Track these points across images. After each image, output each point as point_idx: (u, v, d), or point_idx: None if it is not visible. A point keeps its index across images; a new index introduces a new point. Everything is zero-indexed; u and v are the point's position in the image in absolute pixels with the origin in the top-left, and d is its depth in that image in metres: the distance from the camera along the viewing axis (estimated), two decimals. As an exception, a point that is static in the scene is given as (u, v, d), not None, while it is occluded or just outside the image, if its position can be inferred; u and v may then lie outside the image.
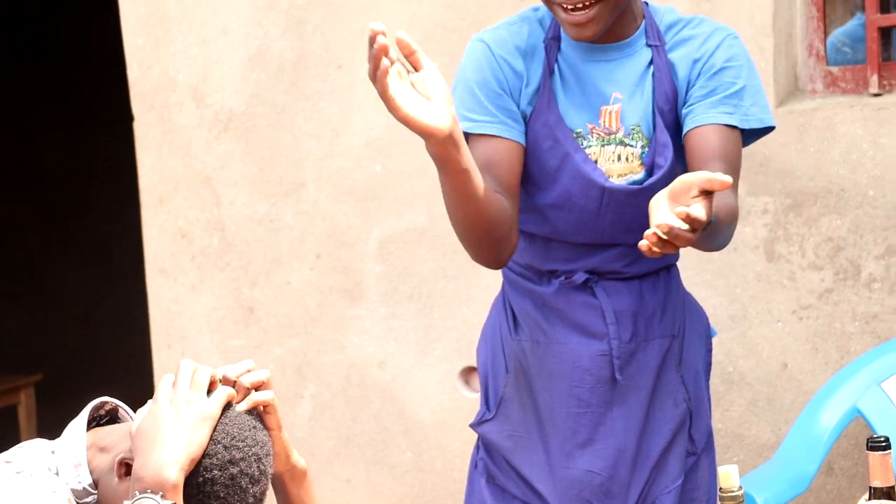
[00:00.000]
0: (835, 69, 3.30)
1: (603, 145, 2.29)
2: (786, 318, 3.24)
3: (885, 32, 3.22)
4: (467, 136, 2.27)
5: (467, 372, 3.61)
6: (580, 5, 2.19)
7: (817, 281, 3.21)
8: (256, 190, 3.77)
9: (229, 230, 3.81)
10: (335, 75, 3.67)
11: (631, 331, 2.34)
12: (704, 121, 2.25)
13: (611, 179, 2.29)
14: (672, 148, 2.30)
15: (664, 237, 1.86)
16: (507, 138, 2.27)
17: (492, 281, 3.19)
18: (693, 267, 3.29)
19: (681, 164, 2.32)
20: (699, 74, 2.28)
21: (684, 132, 2.28)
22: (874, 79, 3.18)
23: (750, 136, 2.36)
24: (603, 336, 2.33)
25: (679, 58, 2.30)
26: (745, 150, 3.24)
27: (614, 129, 2.29)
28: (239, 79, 3.76)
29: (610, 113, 2.29)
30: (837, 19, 3.58)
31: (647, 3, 2.36)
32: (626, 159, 2.30)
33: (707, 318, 2.54)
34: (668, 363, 2.38)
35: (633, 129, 2.29)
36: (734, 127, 2.27)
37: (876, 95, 3.19)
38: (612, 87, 2.29)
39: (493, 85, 2.28)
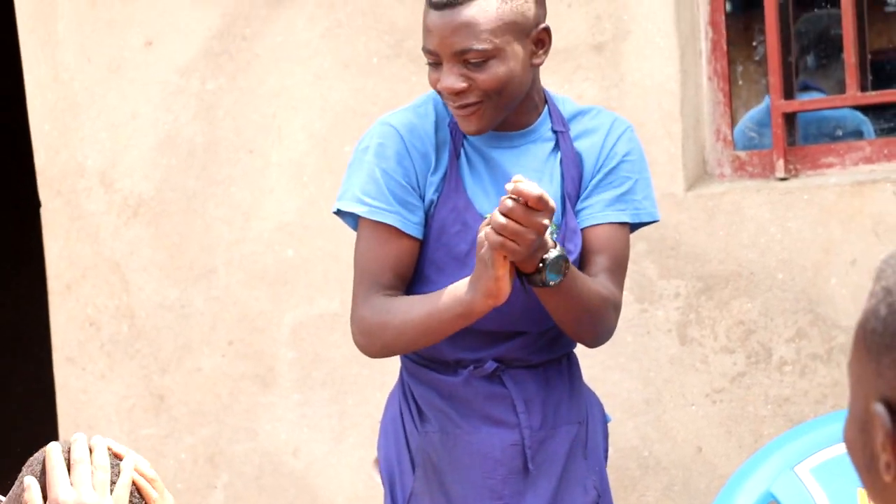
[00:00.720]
0: (742, 154, 3.34)
1: None
2: (699, 401, 3.25)
3: (789, 118, 3.27)
4: (359, 217, 2.26)
5: (382, 459, 3.57)
6: (462, 104, 2.18)
7: (729, 364, 3.22)
8: (166, 276, 3.73)
9: (139, 317, 3.75)
10: (246, 160, 3.65)
11: (540, 419, 2.32)
12: (599, 220, 2.28)
13: None
14: (581, 234, 2.30)
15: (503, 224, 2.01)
16: (402, 231, 2.24)
17: (358, 374, 3.17)
18: (607, 350, 3.28)
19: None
20: (600, 167, 2.29)
21: (579, 226, 2.30)
22: (780, 163, 3.22)
23: (636, 226, 2.40)
24: (514, 426, 2.30)
25: (585, 148, 2.30)
26: (657, 234, 3.27)
27: None
28: (148, 164, 3.73)
29: None
30: (744, 104, 3.65)
31: (546, 91, 2.36)
32: None
33: (601, 405, 2.52)
34: (576, 450, 2.36)
35: None
36: (625, 222, 2.31)
37: (782, 180, 3.23)
38: (519, 173, 2.26)
39: (398, 175, 2.25)
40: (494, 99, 2.17)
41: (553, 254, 2.11)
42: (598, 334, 2.29)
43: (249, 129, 3.64)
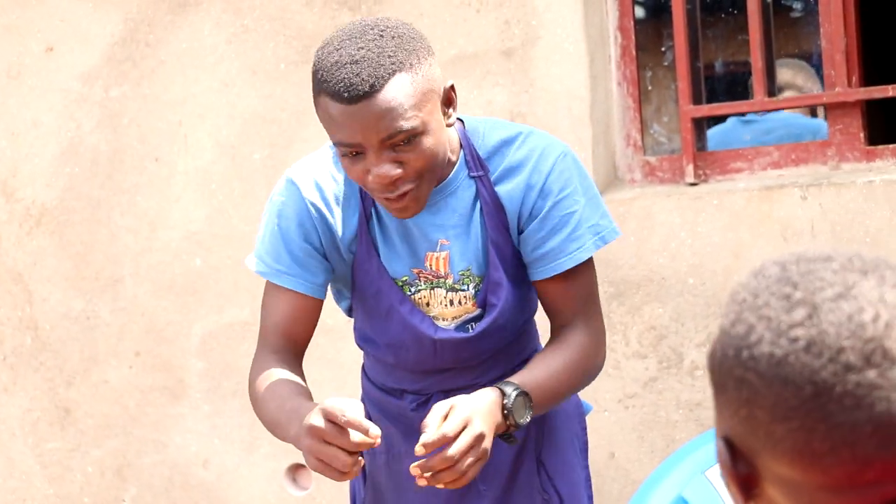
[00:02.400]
0: (652, 159, 3.35)
1: (432, 288, 2.17)
2: (612, 407, 3.25)
3: (698, 123, 3.28)
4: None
5: (294, 469, 3.53)
6: (400, 193, 2.01)
7: (641, 370, 3.22)
8: (71, 286, 3.65)
9: (43, 328, 3.68)
10: (152, 168, 3.58)
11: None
12: (556, 270, 2.14)
13: (444, 322, 2.17)
14: (506, 284, 2.17)
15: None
16: (302, 293, 2.15)
17: (318, 376, 3.13)
18: (519, 357, 3.28)
19: (520, 294, 2.20)
20: (533, 213, 2.14)
21: (532, 278, 2.17)
22: (689, 168, 3.23)
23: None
24: None
25: (510, 189, 2.14)
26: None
27: (443, 275, 2.15)
28: (51, 172, 3.65)
29: (437, 259, 2.15)
30: (654, 109, 3.66)
31: (462, 123, 2.18)
32: (459, 303, 2.17)
33: (575, 399, 2.37)
34: (524, 457, 2.27)
35: (464, 274, 2.16)
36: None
37: (692, 185, 3.25)
38: (437, 233, 2.14)
39: (296, 236, 2.14)
40: (427, 176, 2.03)
41: (511, 398, 2.02)
42: (592, 379, 2.21)
43: (155, 137, 3.58)
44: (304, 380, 2.14)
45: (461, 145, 2.16)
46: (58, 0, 3.65)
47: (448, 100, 2.05)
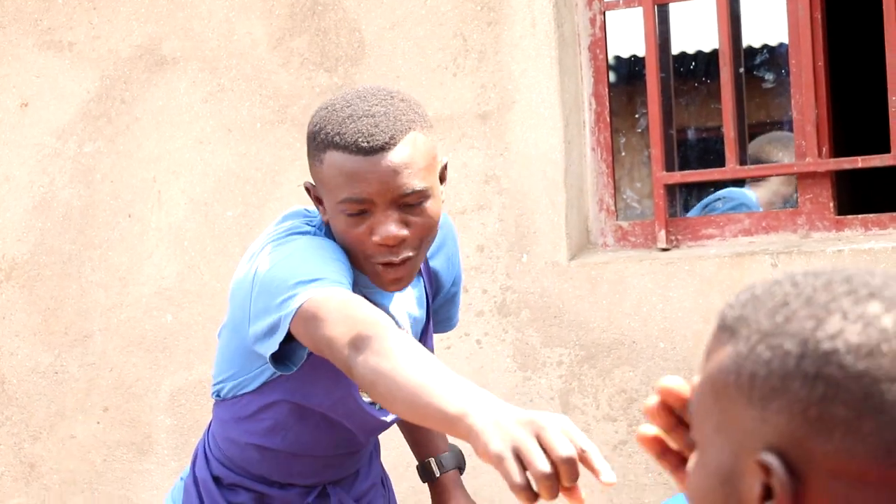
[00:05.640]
0: (625, 224, 3.37)
1: None
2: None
3: (670, 189, 3.31)
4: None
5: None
6: (402, 258, 1.90)
7: (612, 432, 3.23)
8: (40, 341, 3.63)
9: (10, 382, 3.65)
10: (124, 224, 3.58)
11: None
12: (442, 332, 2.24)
13: (367, 398, 2.04)
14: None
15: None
16: None
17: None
18: (489, 419, 3.27)
19: None
20: (454, 278, 2.18)
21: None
22: (662, 234, 3.26)
23: None
24: None
25: (440, 265, 2.15)
26: (540, 303, 3.27)
27: None
28: (22, 227, 3.64)
29: None
30: (627, 174, 3.69)
31: None
32: None
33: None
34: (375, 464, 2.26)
35: None
36: None
37: (664, 250, 3.27)
38: (400, 313, 2.05)
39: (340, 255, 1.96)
40: (424, 246, 1.94)
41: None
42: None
43: (128, 193, 3.58)
44: None
45: None
46: (34, 56, 3.66)
47: (442, 176, 1.97)
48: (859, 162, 3.18)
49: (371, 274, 1.94)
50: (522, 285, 3.29)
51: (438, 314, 2.22)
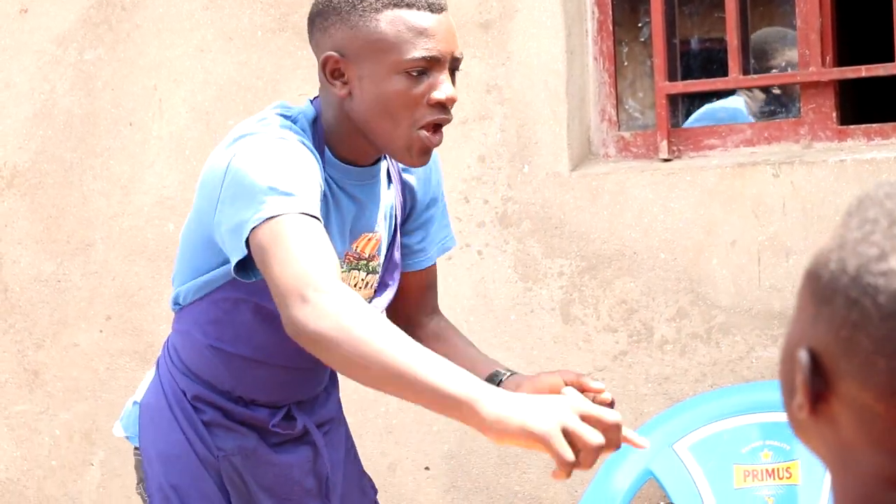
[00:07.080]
0: (626, 134, 3.36)
1: (350, 269, 2.04)
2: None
3: (673, 99, 3.30)
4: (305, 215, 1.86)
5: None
6: (447, 120, 1.92)
7: (612, 343, 3.25)
8: (42, 249, 3.64)
9: (13, 290, 3.67)
10: (126, 132, 3.57)
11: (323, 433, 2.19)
12: (433, 260, 2.17)
13: None
14: (400, 267, 2.14)
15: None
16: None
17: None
18: (491, 329, 3.29)
19: None
20: (429, 202, 2.14)
21: (413, 267, 2.16)
22: (664, 144, 3.25)
23: None
24: (309, 443, 2.15)
25: (414, 182, 2.13)
26: (541, 214, 3.28)
27: (367, 257, 2.05)
28: (23, 134, 3.63)
29: (370, 240, 2.05)
30: (629, 85, 3.67)
31: None
32: (370, 286, 2.10)
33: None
34: (350, 452, 2.25)
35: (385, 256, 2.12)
36: None
37: (666, 161, 3.26)
38: (377, 213, 2.05)
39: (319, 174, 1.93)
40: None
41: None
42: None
43: (129, 101, 3.56)
44: None
45: None
46: (33, -39, 3.62)
47: None
48: (863, 71, 3.17)
49: (406, 146, 1.91)
50: (523, 196, 3.29)
51: (417, 235, 2.16)
